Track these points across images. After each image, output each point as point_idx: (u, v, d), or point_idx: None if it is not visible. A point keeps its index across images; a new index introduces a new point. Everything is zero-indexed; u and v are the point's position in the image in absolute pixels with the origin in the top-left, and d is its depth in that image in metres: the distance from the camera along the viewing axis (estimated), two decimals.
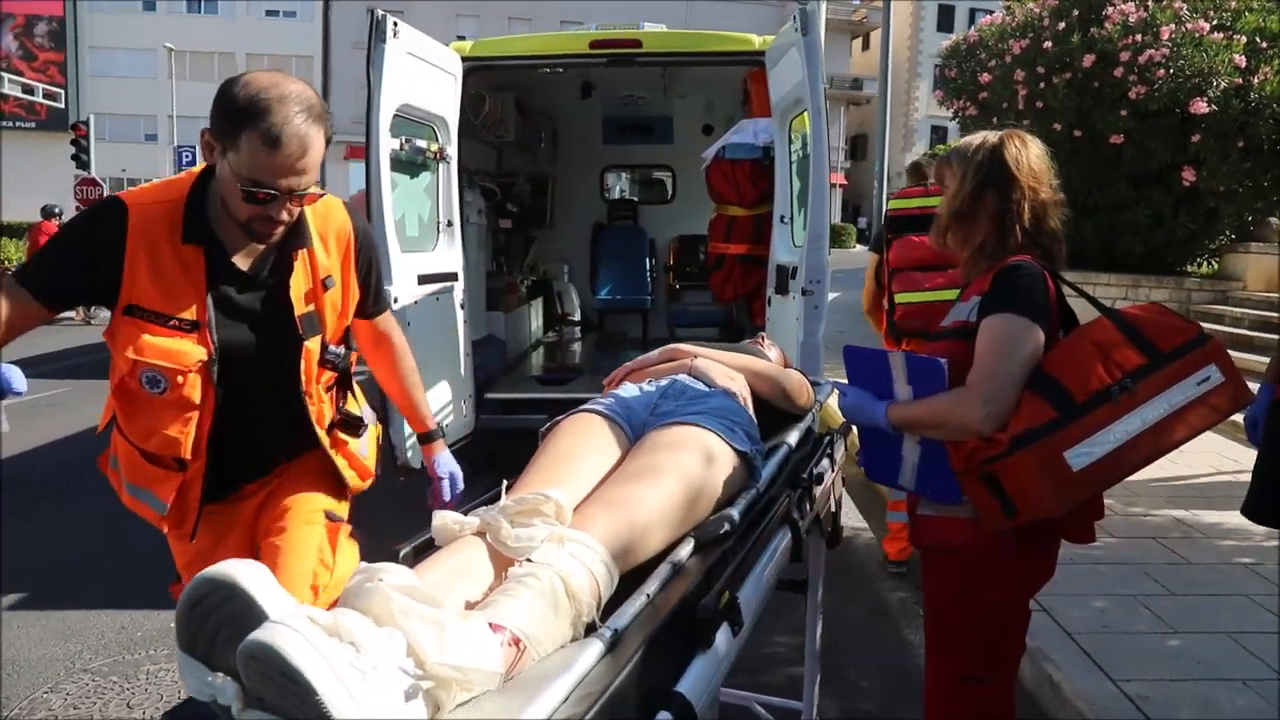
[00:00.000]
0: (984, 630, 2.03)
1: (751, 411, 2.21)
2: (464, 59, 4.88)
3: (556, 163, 8.70)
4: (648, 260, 8.66)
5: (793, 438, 2.31)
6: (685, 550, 1.62)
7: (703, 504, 1.77)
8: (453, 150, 4.86)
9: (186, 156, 31.84)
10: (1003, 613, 2.03)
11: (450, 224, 4.94)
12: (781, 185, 4.69)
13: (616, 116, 8.43)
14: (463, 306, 4.97)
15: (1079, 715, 2.98)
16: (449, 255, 4.91)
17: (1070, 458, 1.74)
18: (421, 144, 4.58)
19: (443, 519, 1.52)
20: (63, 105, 27.66)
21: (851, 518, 5.05)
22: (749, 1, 28.44)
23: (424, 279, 4.50)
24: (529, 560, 1.39)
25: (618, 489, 1.69)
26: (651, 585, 1.44)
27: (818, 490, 2.22)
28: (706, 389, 2.19)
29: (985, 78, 10.14)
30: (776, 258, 4.60)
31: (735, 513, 1.75)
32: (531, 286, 8.00)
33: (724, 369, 2.32)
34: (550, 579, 1.34)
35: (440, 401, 4.59)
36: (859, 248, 32.83)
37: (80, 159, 19.26)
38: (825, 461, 2.44)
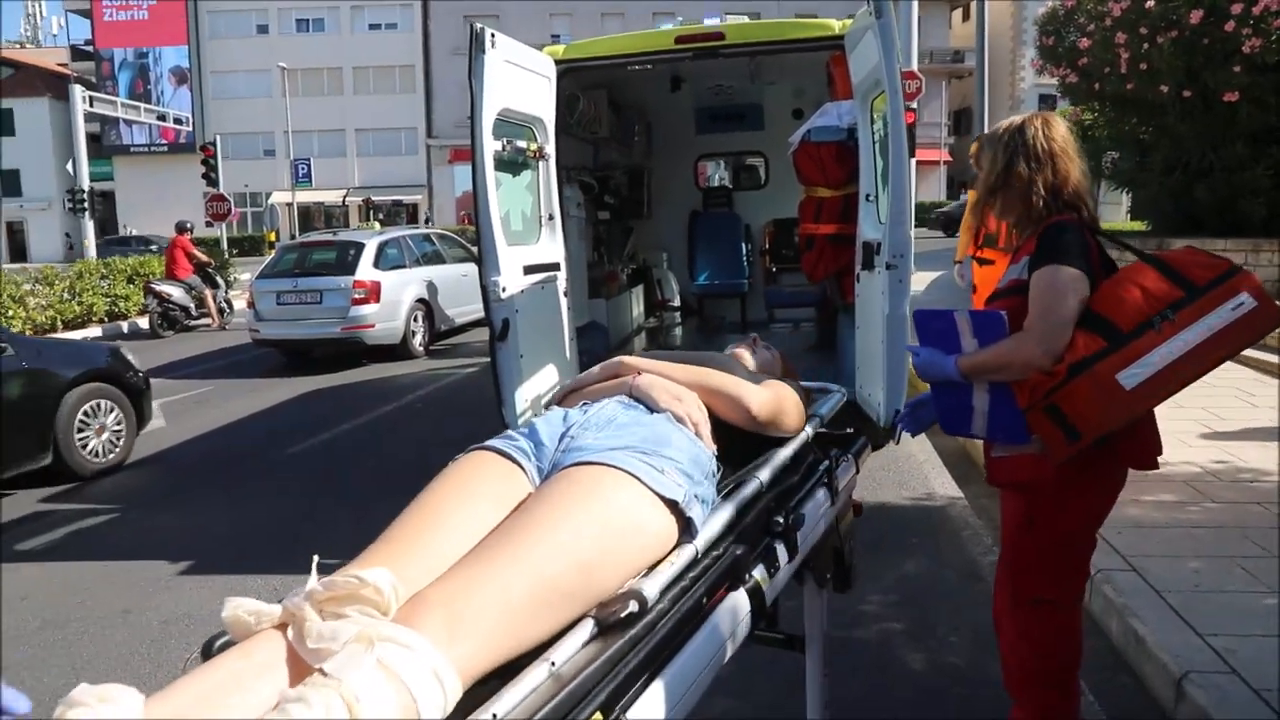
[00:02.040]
0: (1053, 555, 2.28)
1: (706, 441, 1.86)
2: (557, 62, 5.18)
3: (651, 154, 8.98)
4: (743, 245, 8.85)
5: (766, 472, 1.90)
6: (574, 641, 1.27)
7: (605, 575, 1.40)
8: (551, 148, 5.17)
9: (302, 169, 33.49)
10: (1069, 539, 2.28)
11: (551, 217, 5.26)
12: (865, 165, 4.83)
13: (708, 106, 8.64)
14: (566, 294, 5.29)
15: (1163, 667, 3.06)
16: (551, 247, 5.24)
17: (1122, 379, 1.97)
18: (522, 144, 4.91)
19: (236, 608, 1.23)
20: (190, 129, 29.49)
21: (947, 487, 5.15)
22: None
23: (529, 269, 4.83)
24: (320, 671, 1.07)
25: (475, 562, 1.33)
26: (504, 702, 1.12)
27: (804, 533, 1.91)
28: (646, 413, 1.86)
29: (1084, 43, 9.90)
30: (863, 235, 4.74)
31: (648, 587, 1.38)
32: (631, 274, 8.31)
33: (671, 387, 1.95)
34: (327, 705, 1.00)
35: (546, 384, 4.91)
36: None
37: (210, 177, 20.62)
38: (821, 493, 2.12)
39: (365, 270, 10.76)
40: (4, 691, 1.11)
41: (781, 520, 1.81)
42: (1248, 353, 6.51)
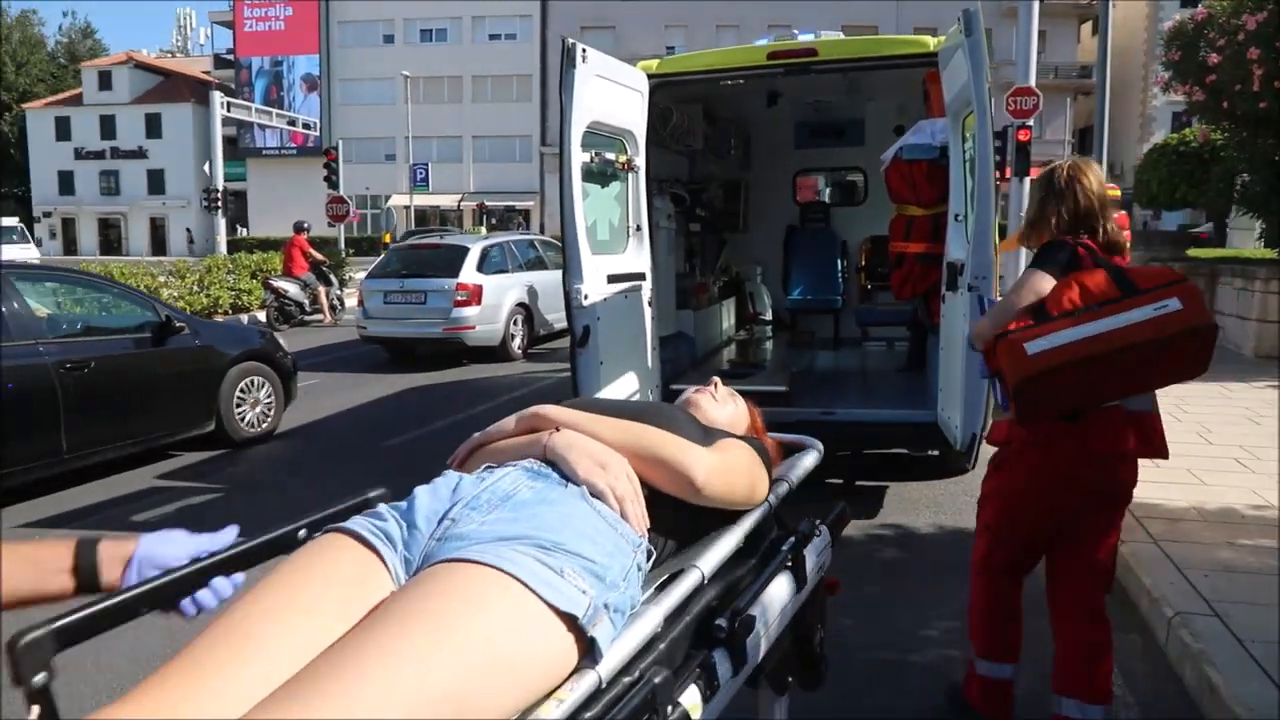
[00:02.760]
0: (1008, 497, 2.72)
1: (634, 521, 1.49)
2: (650, 76, 5.29)
3: (749, 168, 9.00)
4: (839, 261, 8.77)
5: (708, 559, 1.54)
6: None
7: (473, 716, 1.11)
8: (640, 161, 5.28)
9: (420, 174, 34.64)
10: (1015, 493, 2.70)
11: (639, 228, 5.37)
12: (955, 184, 4.75)
13: (808, 121, 8.61)
14: (650, 304, 5.38)
15: (1235, 718, 2.93)
16: (637, 257, 5.33)
17: (1028, 346, 2.34)
18: (610, 156, 5.03)
19: None
20: (318, 133, 30.91)
21: None
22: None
23: (613, 278, 4.94)
24: None
25: (298, 694, 1.05)
26: None
27: (758, 637, 1.56)
28: (559, 484, 1.50)
29: (1214, 59, 9.43)
30: (950, 255, 4.68)
31: None
32: (724, 287, 8.34)
33: (594, 449, 1.56)
34: None
35: (625, 390, 5.01)
36: None
37: (331, 180, 21.56)
38: (783, 580, 1.73)
39: (469, 273, 11.10)
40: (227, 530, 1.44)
41: (725, 624, 1.44)
42: None
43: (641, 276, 5.29)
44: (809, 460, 2.16)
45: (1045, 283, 2.43)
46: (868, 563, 4.25)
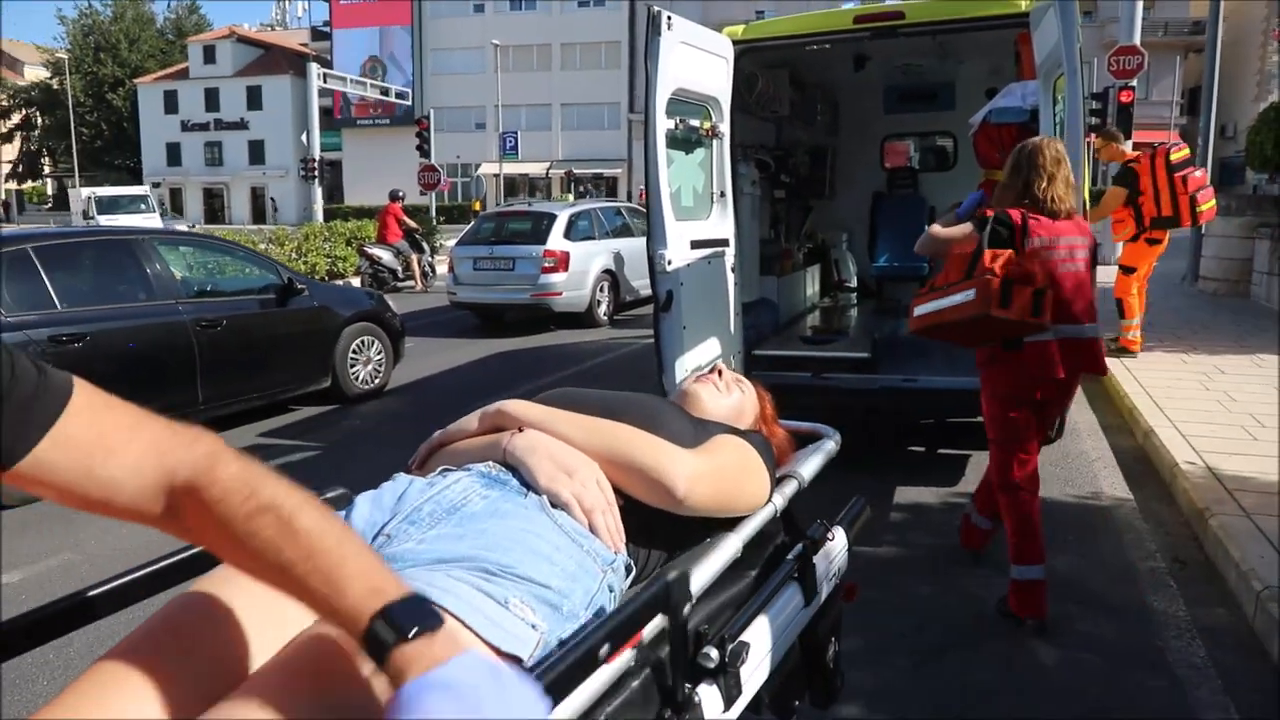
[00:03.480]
0: (990, 413, 3.48)
1: (609, 536, 1.33)
2: (734, 42, 5.29)
3: (838, 133, 8.89)
4: (927, 227, 8.62)
5: (696, 576, 1.28)
6: None
7: None
8: (725, 127, 5.30)
9: (509, 142, 35.06)
10: (992, 406, 3.46)
11: (723, 194, 5.41)
12: None
13: (898, 85, 8.45)
14: (734, 270, 5.43)
15: None
16: (721, 223, 5.38)
17: (915, 310, 3.43)
18: (695, 123, 5.07)
19: None
20: (410, 103, 31.52)
21: (1117, 488, 4.92)
22: None
23: (696, 244, 5.01)
24: None
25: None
26: None
27: (757, 663, 1.36)
28: (518, 492, 1.33)
29: None
30: None
31: None
32: (808, 254, 8.30)
33: (560, 453, 1.38)
34: None
35: (708, 355, 5.09)
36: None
37: (422, 149, 22.05)
38: (789, 593, 1.53)
39: (556, 240, 11.29)
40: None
41: (715, 654, 1.21)
42: None
43: (725, 243, 5.34)
44: (824, 453, 1.90)
45: (965, 231, 3.38)
46: (948, 530, 4.26)
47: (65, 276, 5.60)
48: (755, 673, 1.36)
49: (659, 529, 1.42)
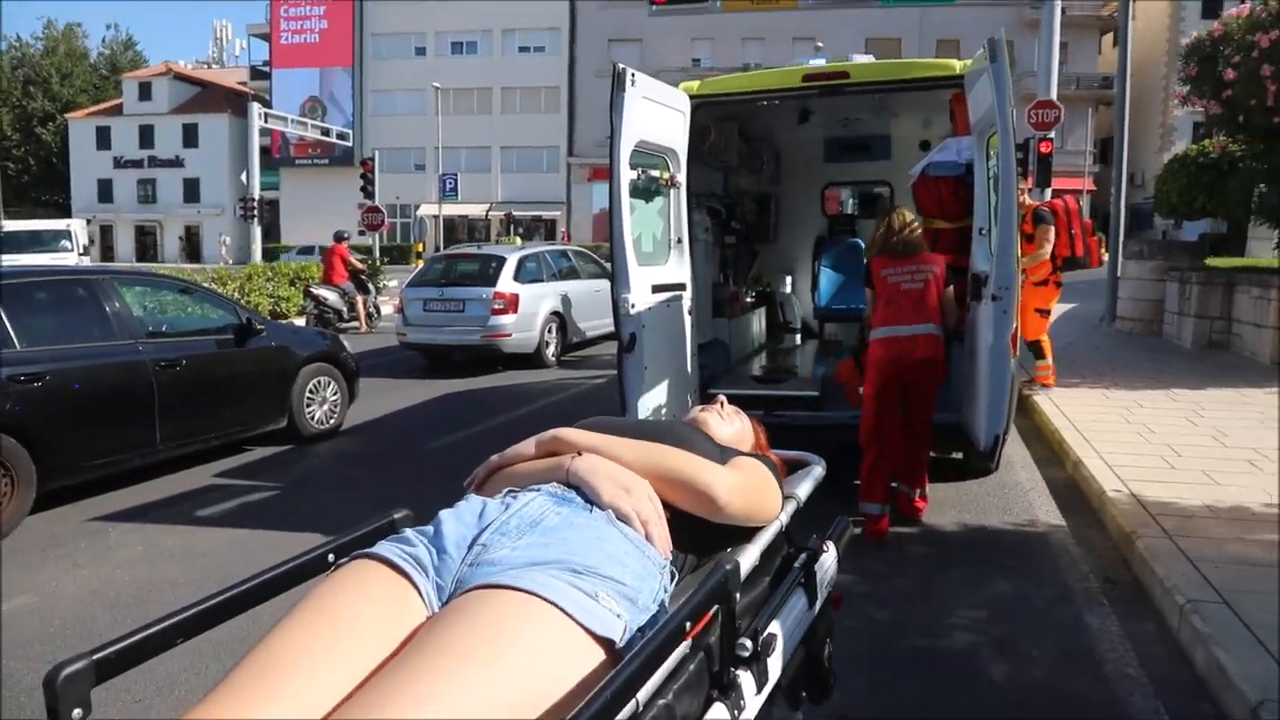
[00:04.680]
0: (871, 376, 4.80)
1: (659, 544, 1.53)
2: (692, 97, 5.61)
3: (780, 182, 9.31)
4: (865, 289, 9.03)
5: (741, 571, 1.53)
6: None
7: None
8: (682, 177, 5.60)
9: (449, 184, 35.10)
10: (871, 370, 4.79)
11: (680, 241, 5.68)
12: (980, 200, 5.05)
13: (837, 136, 8.90)
14: (690, 313, 5.69)
15: (1241, 695, 3.16)
16: (679, 268, 5.65)
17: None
18: (655, 173, 5.35)
19: None
20: (349, 143, 31.47)
21: (1051, 515, 5.26)
22: (983, 6, 27.62)
23: (657, 288, 5.26)
24: None
25: None
26: None
27: (778, 655, 1.57)
28: (583, 509, 1.52)
29: (1230, 74, 9.63)
30: (974, 267, 4.96)
31: None
32: (756, 296, 8.64)
33: (617, 473, 1.58)
34: None
35: (667, 395, 5.31)
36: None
37: (367, 190, 22.05)
38: (797, 597, 1.77)
39: (505, 283, 11.46)
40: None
41: (749, 644, 1.42)
42: None
43: (683, 286, 5.60)
44: (814, 477, 2.18)
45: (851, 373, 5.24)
46: (899, 558, 4.52)
47: (24, 315, 5.59)
48: (778, 663, 1.57)
49: (690, 540, 1.65)
